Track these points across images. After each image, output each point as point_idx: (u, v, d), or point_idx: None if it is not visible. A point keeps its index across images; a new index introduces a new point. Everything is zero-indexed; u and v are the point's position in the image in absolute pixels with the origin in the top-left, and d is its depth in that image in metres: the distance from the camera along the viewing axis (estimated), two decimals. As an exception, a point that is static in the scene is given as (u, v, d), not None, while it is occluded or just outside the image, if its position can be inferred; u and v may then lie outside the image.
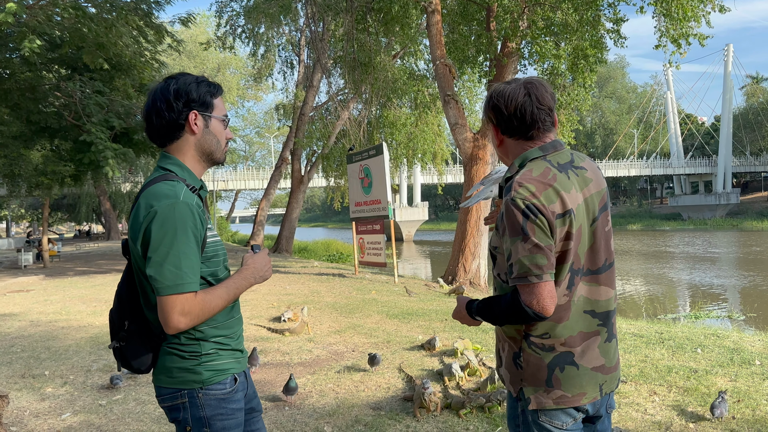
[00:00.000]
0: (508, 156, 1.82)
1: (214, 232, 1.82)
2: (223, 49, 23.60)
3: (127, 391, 4.81)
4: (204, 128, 1.81)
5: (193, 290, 1.64)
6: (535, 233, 1.60)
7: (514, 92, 1.72)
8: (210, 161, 1.87)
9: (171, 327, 1.63)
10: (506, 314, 1.67)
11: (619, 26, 11.99)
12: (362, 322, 7.22)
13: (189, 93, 1.77)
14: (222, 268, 1.83)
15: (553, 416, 1.70)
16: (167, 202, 1.64)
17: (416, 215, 48.38)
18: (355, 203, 12.60)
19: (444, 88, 12.43)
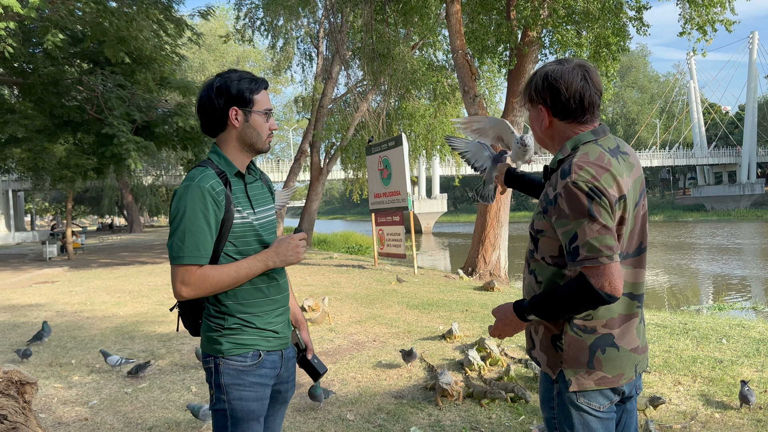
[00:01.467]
0: (554, 139, 1.80)
1: (247, 213, 1.92)
2: (242, 42, 23.70)
3: (152, 379, 4.88)
4: (244, 122, 1.94)
5: (193, 263, 1.79)
6: (601, 214, 1.59)
7: (572, 74, 1.71)
8: (253, 151, 1.99)
9: (176, 293, 1.82)
10: (573, 302, 1.64)
11: (642, 14, 11.79)
12: (383, 312, 7.24)
13: (229, 91, 1.91)
14: (254, 247, 1.93)
15: (591, 398, 1.70)
16: (184, 184, 1.84)
17: (435, 207, 48.28)
18: (375, 195, 12.60)
19: (464, 79, 12.34)
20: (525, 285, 1.87)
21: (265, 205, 2.02)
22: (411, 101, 21.78)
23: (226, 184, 1.88)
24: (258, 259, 1.90)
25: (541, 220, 1.73)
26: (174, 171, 43.07)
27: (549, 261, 1.74)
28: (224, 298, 1.89)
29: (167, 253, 9.72)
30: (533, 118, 1.83)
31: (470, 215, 72.64)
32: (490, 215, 11.94)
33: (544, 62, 14.32)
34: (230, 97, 1.90)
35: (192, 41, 20.48)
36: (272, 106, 1.99)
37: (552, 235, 1.70)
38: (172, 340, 6.20)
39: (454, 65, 12.99)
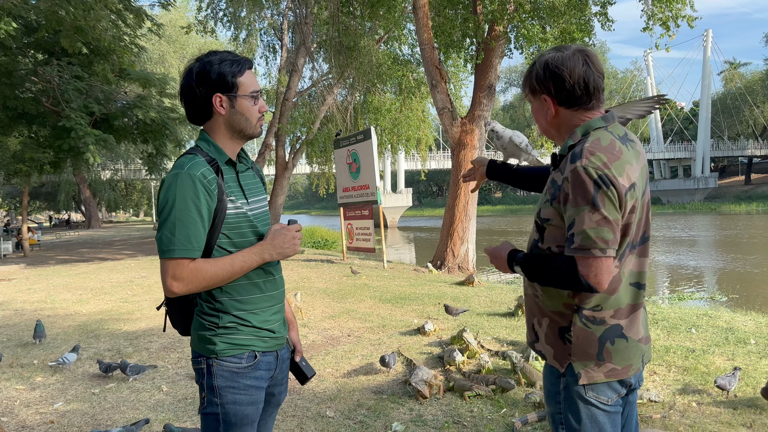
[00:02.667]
0: (561, 129, 1.75)
1: (241, 203, 1.81)
2: (204, 34, 23.21)
3: (120, 379, 4.71)
4: (230, 108, 1.81)
5: (185, 256, 1.67)
6: (605, 205, 1.55)
7: (573, 60, 1.67)
8: (243, 137, 1.88)
9: (166, 290, 1.70)
10: (556, 277, 1.62)
11: (606, 9, 11.97)
12: (355, 307, 7.17)
13: (209, 76, 1.78)
14: (249, 239, 1.82)
15: (600, 391, 1.68)
16: (173, 173, 1.72)
17: (400, 201, 48.39)
18: (343, 189, 12.50)
19: (431, 72, 12.33)
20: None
21: (257, 195, 1.92)
22: (376, 95, 21.71)
23: (217, 172, 1.77)
24: (254, 251, 1.79)
25: (549, 208, 1.69)
26: (133, 165, 42.07)
27: (555, 250, 1.70)
28: (219, 294, 1.79)
29: (128, 249, 9.41)
30: (536, 109, 1.78)
31: (434, 209, 73.04)
32: (458, 209, 11.98)
33: (509, 58, 14.48)
34: (212, 84, 1.77)
35: (152, 32, 19.96)
36: (259, 86, 1.87)
37: (558, 224, 1.67)
38: (139, 338, 6.01)
39: (421, 59, 12.94)
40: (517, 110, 77.97)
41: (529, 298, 1.82)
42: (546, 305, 1.74)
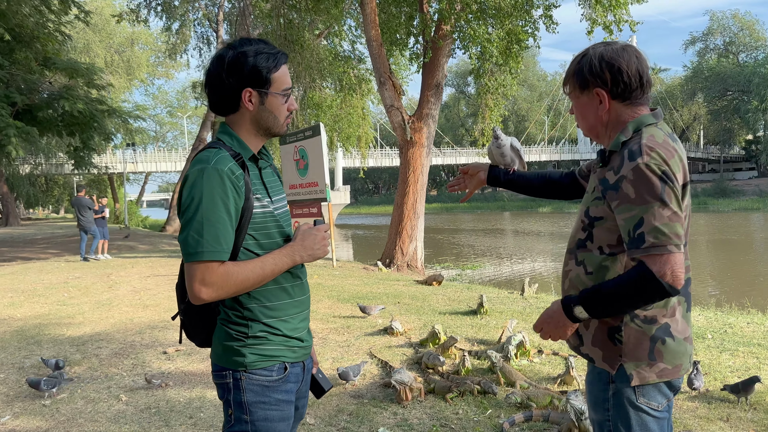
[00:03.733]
0: (609, 124, 1.70)
1: (267, 201, 1.68)
2: (136, 23, 22.24)
3: (72, 389, 4.37)
4: (259, 105, 1.68)
5: (216, 259, 1.54)
6: (672, 200, 1.52)
7: (627, 53, 1.64)
8: (268, 134, 1.74)
9: (193, 296, 1.56)
10: (630, 294, 1.54)
11: (551, 11, 12.23)
12: (314, 307, 6.99)
13: (243, 68, 1.64)
14: (276, 240, 1.69)
15: (651, 397, 1.63)
16: (198, 168, 1.58)
17: (338, 199, 48.08)
18: (290, 186, 12.22)
19: (380, 69, 12.25)
20: (570, 278, 1.75)
21: (279, 194, 1.78)
22: (317, 91, 21.46)
23: (243, 168, 1.62)
24: (284, 253, 1.65)
25: (600, 206, 1.64)
26: (55, 159, 39.88)
27: (606, 251, 1.64)
28: (247, 300, 1.63)
29: (53, 248, 8.84)
30: (584, 104, 1.72)
31: (371, 207, 73.25)
32: (407, 207, 11.97)
33: (454, 57, 14.61)
34: (244, 77, 1.63)
35: (79, 19, 18.96)
36: (291, 83, 1.73)
37: (611, 222, 1.62)
38: (86, 344, 5.62)
39: (369, 55, 12.84)
40: (452, 110, 79.21)
41: None
42: None
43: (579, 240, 1.72)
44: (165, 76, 48.36)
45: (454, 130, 78.65)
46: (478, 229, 36.54)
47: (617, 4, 10.67)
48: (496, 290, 8.88)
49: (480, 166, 2.23)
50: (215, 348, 1.69)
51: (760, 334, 5.23)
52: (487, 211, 62.84)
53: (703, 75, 63.74)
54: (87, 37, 36.89)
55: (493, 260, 19.84)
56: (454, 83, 78.07)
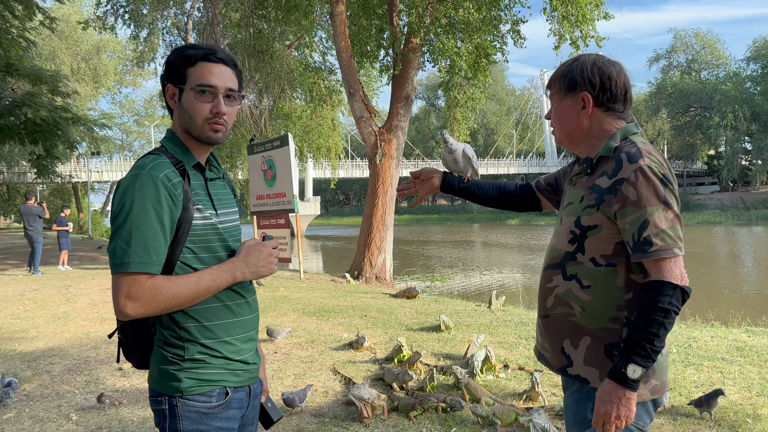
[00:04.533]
0: (587, 131, 1.68)
1: (209, 213, 1.57)
2: (103, 30, 21.84)
3: (20, 407, 4.17)
4: (179, 102, 1.59)
5: (144, 271, 1.42)
6: (674, 202, 1.52)
7: (618, 65, 1.66)
8: (193, 138, 1.60)
9: (118, 311, 1.44)
10: (665, 313, 1.48)
11: (519, 26, 12.37)
12: (279, 321, 6.85)
13: (168, 63, 1.59)
14: (218, 255, 1.58)
15: (639, 416, 1.58)
16: (131, 174, 1.48)
17: (308, 210, 47.87)
18: (257, 196, 12.04)
19: (349, 81, 12.21)
20: (557, 294, 1.66)
21: (228, 208, 1.67)
22: (287, 101, 21.35)
23: (183, 176, 1.52)
24: (224, 269, 1.54)
25: (594, 215, 1.59)
26: (17, 167, 38.87)
27: (601, 262, 1.59)
28: (183, 319, 1.52)
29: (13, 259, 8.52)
30: (566, 107, 1.69)
31: (341, 218, 73.04)
32: (376, 218, 11.90)
33: (424, 70, 14.68)
34: (167, 71, 1.58)
35: (44, 25, 18.53)
36: (218, 83, 1.56)
37: (608, 230, 1.57)
38: (38, 360, 5.39)
39: (339, 67, 12.79)
40: (423, 122, 79.72)
41: (557, 318, 1.68)
42: (587, 323, 1.61)
43: (567, 253, 1.66)
44: (133, 84, 47.64)
45: (424, 142, 79.13)
46: (447, 241, 36.65)
47: (584, 20, 10.84)
48: (464, 303, 8.85)
49: (433, 172, 2.16)
50: (151, 371, 1.57)
51: (724, 348, 5.27)
52: (456, 223, 63.18)
53: (667, 91, 65.35)
54: (53, 44, 36.16)
55: (462, 272, 19.88)
56: (424, 96, 78.66)
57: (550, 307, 1.69)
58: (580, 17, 10.75)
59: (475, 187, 2.13)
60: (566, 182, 1.83)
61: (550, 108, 1.78)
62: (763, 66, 57.82)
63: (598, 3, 11.23)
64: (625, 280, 1.57)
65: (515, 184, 2.13)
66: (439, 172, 2.15)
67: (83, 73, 40.57)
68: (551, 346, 1.71)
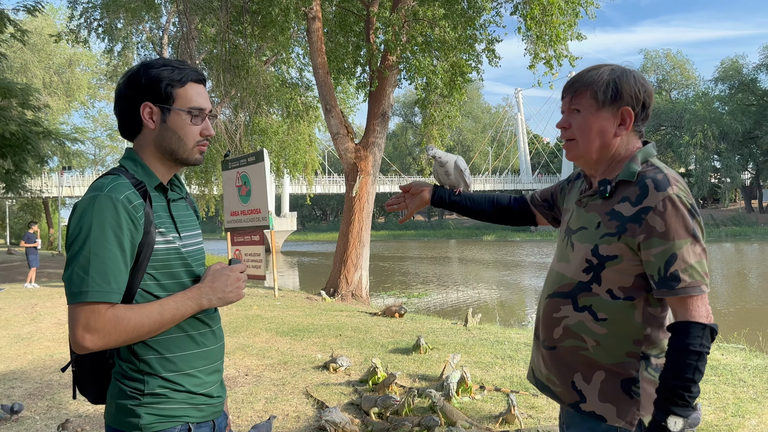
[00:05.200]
0: (613, 153, 1.57)
1: (172, 236, 1.49)
2: (76, 43, 21.56)
3: (-25, 437, 3.98)
4: (161, 123, 1.50)
5: (103, 300, 1.34)
6: (701, 235, 1.44)
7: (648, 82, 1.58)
8: (175, 161, 1.54)
9: (76, 344, 1.35)
10: (698, 356, 1.39)
11: (494, 45, 12.49)
12: (251, 341, 6.70)
13: (140, 80, 1.48)
14: (181, 281, 1.49)
15: None
16: (89, 195, 1.40)
17: (285, 225, 47.56)
18: (231, 213, 11.90)
19: (326, 97, 12.18)
20: (566, 326, 1.56)
21: (191, 230, 1.59)
22: (263, 117, 21.27)
23: (144, 197, 1.44)
24: (189, 296, 1.45)
25: (616, 244, 1.48)
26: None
27: (619, 295, 1.49)
28: (143, 351, 1.43)
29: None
30: (601, 120, 1.55)
31: (318, 234, 72.66)
32: (352, 235, 11.82)
33: (401, 87, 14.71)
34: (142, 90, 1.48)
35: (15, 38, 18.23)
36: (206, 105, 1.55)
37: (629, 261, 1.48)
38: (-3, 385, 5.17)
39: (315, 83, 12.76)
40: (400, 138, 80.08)
41: (566, 351, 1.57)
42: (601, 357, 1.51)
43: (580, 283, 1.54)
44: (106, 98, 47.08)
45: (401, 159, 79.42)
46: (424, 257, 36.65)
47: (557, 39, 10.98)
48: (440, 321, 8.78)
49: (423, 185, 2.08)
50: (108, 406, 1.48)
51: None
52: (433, 239, 63.29)
53: (639, 110, 66.62)
54: (24, 57, 35.64)
55: (439, 288, 19.84)
56: (401, 113, 79.11)
57: (558, 339, 1.59)
58: (554, 37, 10.89)
59: (467, 200, 2.04)
60: (569, 201, 1.73)
61: (565, 115, 1.61)
62: (731, 86, 59.34)
63: (571, 23, 11.40)
64: (643, 313, 1.49)
65: (509, 197, 2.03)
66: (429, 186, 2.08)
67: (56, 86, 40.04)
68: (559, 379, 1.60)
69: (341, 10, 14.63)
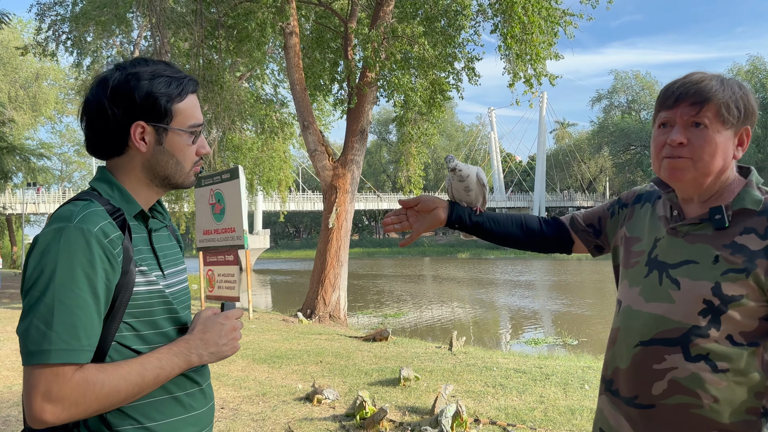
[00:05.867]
0: (725, 176, 1.37)
1: (156, 275, 1.21)
2: (44, 57, 20.99)
3: None
4: (156, 145, 1.23)
5: (70, 362, 1.05)
6: None
7: None
8: (167, 185, 1.27)
9: (32, 417, 1.05)
10: None
11: (473, 63, 12.41)
12: (226, 370, 6.32)
13: (133, 96, 1.18)
14: (165, 331, 1.21)
15: None
16: (54, 227, 1.11)
17: (257, 243, 46.82)
18: (204, 231, 11.49)
19: (303, 114, 11.92)
20: (675, 378, 1.30)
21: (175, 266, 1.32)
22: (236, 133, 20.94)
23: (123, 228, 1.16)
24: (175, 351, 1.18)
25: (741, 282, 1.26)
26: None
27: (739, 339, 1.27)
28: (118, 420, 1.14)
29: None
30: (726, 140, 1.32)
31: (291, 251, 71.86)
32: (330, 254, 11.50)
33: (378, 105, 14.58)
34: (134, 106, 1.20)
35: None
36: (201, 118, 1.30)
37: (756, 302, 1.26)
38: (-54, 423, 4.72)
39: (292, 99, 12.52)
40: (374, 156, 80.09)
41: (672, 410, 1.31)
42: (719, 416, 1.27)
43: (694, 327, 1.29)
44: (74, 113, 46.11)
45: (375, 176, 79.35)
46: (399, 275, 36.40)
47: (537, 58, 10.93)
48: (423, 344, 8.50)
49: (434, 202, 1.73)
50: None
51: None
52: (408, 256, 63.10)
53: (609, 130, 67.77)
54: (-11, 70, 34.74)
55: (416, 307, 19.59)
56: (376, 131, 79.21)
57: (660, 396, 1.32)
58: (533, 56, 10.84)
59: (492, 222, 1.72)
60: (636, 228, 1.49)
61: (682, 129, 1.34)
62: (697, 108, 60.89)
63: (550, 42, 11.39)
64: (763, 361, 1.29)
65: (537, 218, 1.74)
66: (444, 203, 1.75)
67: (21, 101, 39.08)
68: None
69: (318, 26, 14.46)
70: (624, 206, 1.59)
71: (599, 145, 71.76)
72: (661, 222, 1.44)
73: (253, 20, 11.99)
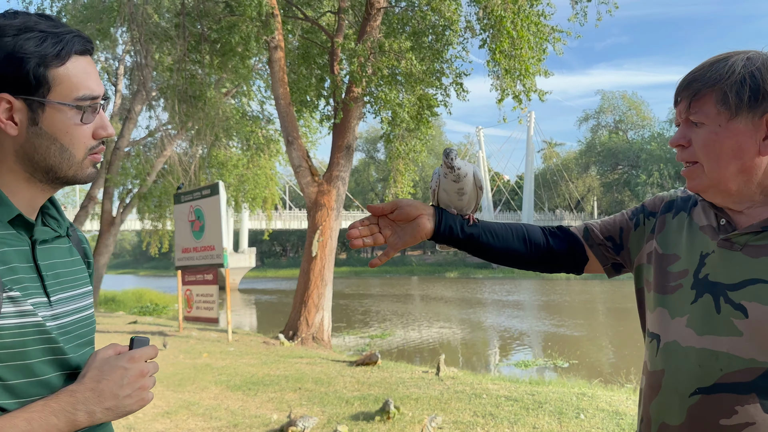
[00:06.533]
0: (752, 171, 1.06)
1: (33, 303, 0.89)
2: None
3: None
4: (30, 126, 0.91)
5: None
6: None
7: None
8: (55, 180, 0.95)
9: None
10: None
11: (461, 79, 12.22)
12: (197, 398, 5.90)
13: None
14: (42, 380, 0.89)
15: None
16: None
17: (243, 262, 46.28)
18: (183, 249, 11.09)
19: (288, 129, 11.63)
20: None
21: (73, 289, 1.00)
22: (221, 149, 20.64)
23: None
24: (54, 408, 0.85)
25: None
26: None
27: None
28: None
29: None
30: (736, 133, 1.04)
31: (278, 270, 71.14)
32: (314, 274, 11.12)
33: (365, 122, 14.33)
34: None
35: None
36: (99, 89, 0.97)
37: None
38: None
39: (277, 114, 12.24)
40: (362, 174, 80.00)
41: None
42: None
43: (750, 363, 0.99)
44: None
45: (364, 194, 79.11)
46: (386, 294, 35.97)
47: (526, 74, 10.75)
48: (410, 369, 8.11)
49: (417, 208, 1.31)
50: None
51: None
52: (395, 275, 62.63)
53: (596, 150, 68.23)
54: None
55: (403, 327, 19.20)
56: (364, 149, 79.19)
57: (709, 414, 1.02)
58: (522, 71, 10.65)
59: (489, 234, 1.34)
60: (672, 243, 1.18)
61: (681, 129, 1.12)
62: (684, 128, 61.51)
63: (539, 58, 11.22)
64: None
65: (541, 229, 1.40)
66: (429, 209, 1.34)
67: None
68: None
69: (304, 41, 14.24)
70: (651, 215, 1.27)
71: (587, 165, 72.20)
72: (705, 233, 1.13)
73: (237, 34, 11.73)
